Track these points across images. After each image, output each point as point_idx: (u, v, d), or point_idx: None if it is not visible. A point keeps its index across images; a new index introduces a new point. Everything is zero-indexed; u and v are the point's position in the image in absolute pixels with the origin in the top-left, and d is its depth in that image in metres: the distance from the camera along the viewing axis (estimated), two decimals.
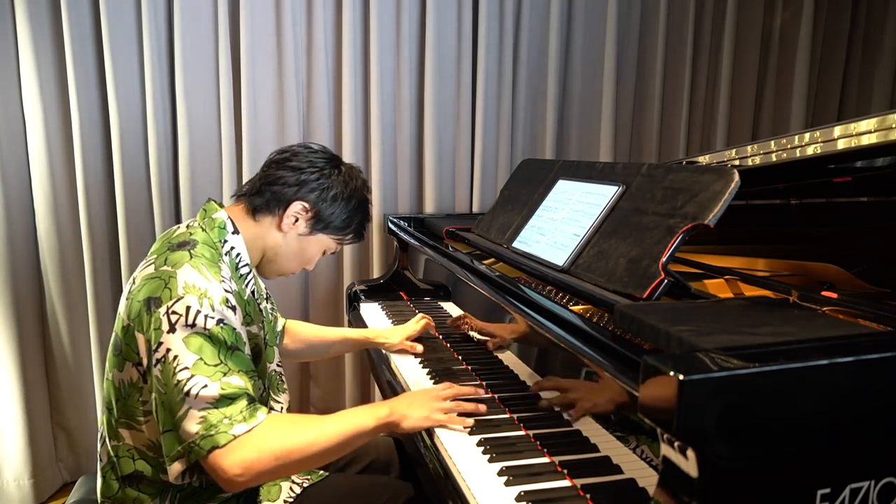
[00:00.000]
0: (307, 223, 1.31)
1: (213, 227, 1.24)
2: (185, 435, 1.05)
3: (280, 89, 2.31)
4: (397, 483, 1.38)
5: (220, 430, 1.03)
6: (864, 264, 1.50)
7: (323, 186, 1.30)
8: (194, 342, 1.06)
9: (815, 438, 0.75)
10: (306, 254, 1.35)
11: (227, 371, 1.07)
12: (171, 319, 1.06)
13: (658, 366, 0.71)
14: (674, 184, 1.24)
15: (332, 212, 1.31)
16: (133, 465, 1.18)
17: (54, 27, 2.13)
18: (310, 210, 1.29)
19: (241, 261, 1.26)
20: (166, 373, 1.05)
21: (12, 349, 2.19)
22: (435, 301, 2.04)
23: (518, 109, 2.55)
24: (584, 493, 0.98)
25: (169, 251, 1.16)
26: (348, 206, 1.33)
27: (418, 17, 2.41)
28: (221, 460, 1.03)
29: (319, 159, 1.32)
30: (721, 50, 2.72)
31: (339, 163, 1.35)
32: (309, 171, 1.29)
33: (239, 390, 1.07)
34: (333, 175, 1.32)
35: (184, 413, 1.04)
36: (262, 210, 1.28)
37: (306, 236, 1.32)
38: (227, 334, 1.09)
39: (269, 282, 2.36)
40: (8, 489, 2.26)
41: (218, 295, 1.10)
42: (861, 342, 0.83)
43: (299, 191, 1.28)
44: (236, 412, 1.05)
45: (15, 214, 2.18)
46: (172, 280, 1.09)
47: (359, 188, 1.35)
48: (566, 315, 1.12)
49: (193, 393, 1.04)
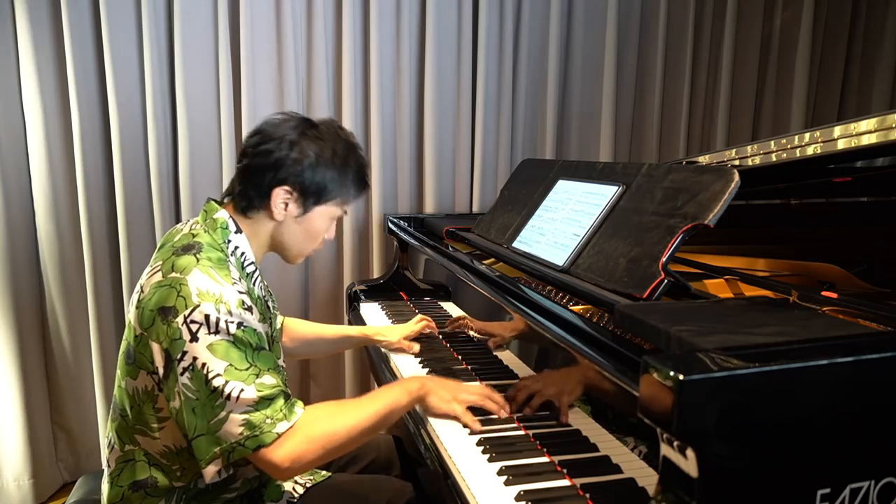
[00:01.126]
0: (298, 204, 1.22)
1: (216, 228, 1.20)
2: (227, 436, 1.05)
3: (280, 89, 2.31)
4: (398, 483, 1.38)
5: (265, 430, 1.05)
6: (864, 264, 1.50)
7: (297, 160, 1.19)
8: (220, 348, 1.05)
9: (815, 438, 0.75)
10: (314, 231, 1.28)
11: (258, 372, 1.07)
12: (192, 329, 1.05)
13: (658, 366, 0.71)
14: (674, 184, 1.24)
15: (319, 181, 1.21)
16: (149, 470, 1.17)
17: (54, 27, 2.13)
18: (294, 190, 1.21)
19: (246, 260, 1.23)
20: (198, 380, 1.05)
21: (12, 349, 2.19)
22: (435, 301, 2.04)
23: (518, 109, 2.55)
24: (584, 493, 0.98)
25: (174, 256, 1.13)
26: (333, 167, 1.23)
27: (418, 16, 2.42)
28: (272, 456, 1.06)
29: (289, 131, 1.21)
30: (721, 50, 2.73)
31: (307, 126, 1.23)
32: (279, 150, 1.19)
33: (274, 389, 1.08)
34: (304, 142, 1.20)
35: (224, 416, 1.05)
36: (249, 207, 1.23)
37: (304, 216, 1.24)
38: (250, 336, 1.09)
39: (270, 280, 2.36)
40: (8, 489, 2.26)
41: (234, 299, 1.09)
42: (861, 342, 0.83)
43: (276, 175, 1.19)
44: (276, 411, 1.07)
45: (15, 214, 2.18)
46: (184, 287, 1.07)
47: (339, 142, 1.24)
48: (566, 315, 1.12)
49: (234, 396, 1.04)
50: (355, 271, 2.47)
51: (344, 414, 1.13)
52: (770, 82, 2.81)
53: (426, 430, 1.22)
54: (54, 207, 2.21)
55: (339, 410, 1.14)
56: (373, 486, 1.35)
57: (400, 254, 2.24)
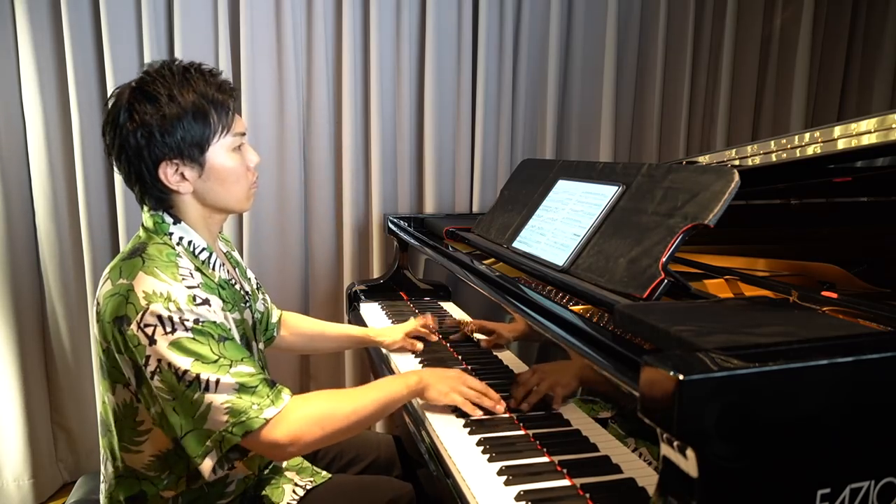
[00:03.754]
0: (189, 166, 1.13)
1: (154, 225, 1.16)
2: (214, 425, 1.04)
3: (280, 89, 2.31)
4: (398, 483, 1.38)
5: (252, 416, 1.04)
6: (864, 264, 1.50)
7: (148, 134, 1.09)
8: (181, 346, 1.03)
9: (815, 438, 0.75)
10: (228, 173, 1.17)
11: (230, 363, 1.05)
12: (147, 332, 1.02)
13: (658, 366, 0.71)
14: (674, 184, 1.24)
15: (181, 134, 1.10)
16: (139, 485, 1.16)
17: (54, 27, 2.13)
18: (172, 158, 1.11)
19: (195, 247, 1.17)
20: (168, 381, 1.03)
21: (12, 349, 2.19)
22: (435, 301, 2.04)
23: (518, 109, 2.55)
24: (584, 493, 0.98)
25: (121, 262, 1.11)
26: (183, 111, 1.10)
27: (418, 17, 2.42)
28: (271, 435, 1.05)
29: (116, 113, 1.11)
30: (721, 50, 2.72)
31: (130, 94, 1.11)
32: (125, 137, 1.10)
33: (254, 378, 1.06)
34: (139, 111, 1.09)
35: (206, 407, 1.03)
36: (160, 200, 1.16)
37: (204, 171, 1.14)
38: (211, 328, 1.06)
39: (269, 282, 2.37)
40: (8, 489, 2.26)
41: (182, 296, 1.05)
42: (861, 342, 0.83)
43: (145, 160, 1.10)
44: (262, 398, 1.06)
45: (15, 214, 2.18)
46: (132, 293, 1.04)
47: (169, 83, 1.11)
48: (566, 315, 1.12)
49: (212, 384, 1.03)
50: (355, 271, 2.47)
51: (343, 399, 1.14)
52: (770, 82, 2.81)
53: (426, 431, 1.22)
54: (54, 207, 2.21)
55: (337, 395, 1.15)
56: (373, 486, 1.35)
57: (400, 254, 2.24)
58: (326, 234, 2.47)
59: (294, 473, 1.35)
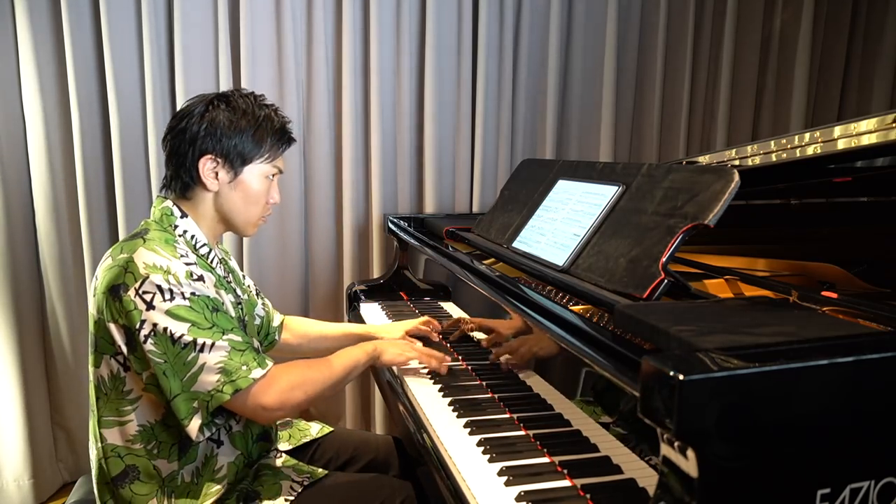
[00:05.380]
0: (226, 169, 1.25)
1: (161, 217, 1.26)
2: (204, 385, 1.12)
3: (280, 89, 2.31)
4: (396, 482, 1.38)
5: (241, 376, 1.14)
6: (864, 264, 1.50)
7: (211, 129, 1.23)
8: (179, 312, 1.11)
9: (815, 438, 0.75)
10: (253, 194, 1.29)
11: (223, 331, 1.15)
12: (146, 298, 1.10)
13: (658, 366, 0.71)
14: (674, 184, 1.24)
15: (235, 141, 1.24)
16: (122, 462, 1.19)
17: (54, 27, 2.13)
18: (217, 156, 1.24)
19: (197, 242, 1.26)
20: (163, 343, 1.10)
21: (12, 349, 2.19)
22: (435, 301, 2.04)
23: (518, 109, 2.55)
24: (584, 493, 0.98)
25: (123, 242, 1.21)
26: (247, 126, 1.25)
27: (418, 17, 2.41)
28: (260, 399, 1.16)
29: (198, 106, 1.26)
30: (721, 50, 2.72)
31: (217, 98, 1.27)
32: (191, 124, 1.24)
33: (242, 343, 1.17)
34: (214, 112, 1.24)
35: (199, 368, 1.12)
36: (185, 187, 1.27)
37: (235, 180, 1.27)
38: (205, 300, 1.15)
39: (269, 283, 2.37)
40: (8, 489, 2.26)
41: (181, 270, 1.14)
42: (861, 342, 0.83)
43: (195, 148, 1.23)
44: (250, 360, 1.16)
45: (15, 214, 2.18)
46: (131, 264, 1.12)
47: (250, 106, 1.27)
48: (566, 315, 1.12)
49: (207, 345, 1.12)
50: (355, 271, 2.47)
51: (317, 366, 1.28)
52: (770, 82, 2.81)
53: (426, 431, 1.22)
54: (54, 207, 2.21)
55: (311, 363, 1.28)
56: (371, 484, 1.35)
57: (400, 254, 2.24)
58: (326, 235, 2.47)
59: (291, 470, 1.36)
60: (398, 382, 1.49)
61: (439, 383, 1.42)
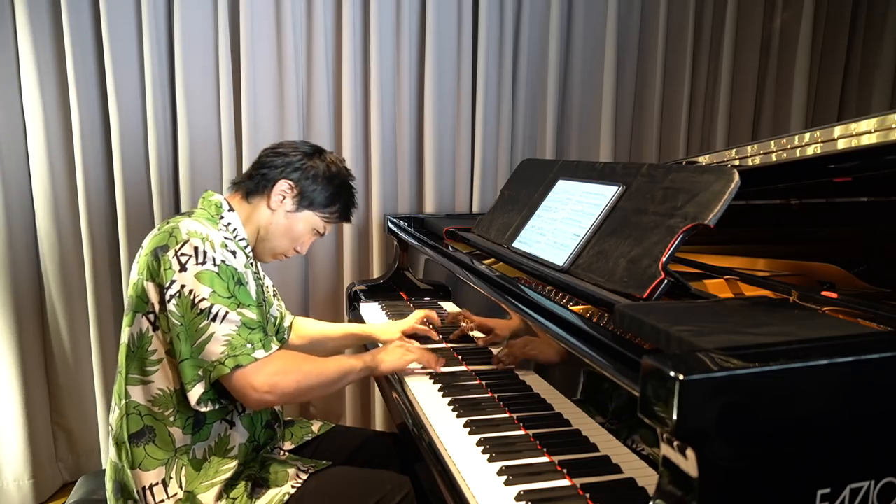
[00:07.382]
0: (293, 200, 1.43)
1: (210, 206, 1.39)
2: (209, 355, 1.18)
3: (280, 89, 2.31)
4: (397, 477, 1.39)
5: (244, 353, 1.19)
6: (864, 264, 1.50)
7: (305, 166, 1.44)
8: (205, 277, 1.20)
9: (815, 438, 0.75)
10: (295, 230, 1.46)
11: (239, 304, 1.22)
12: (182, 260, 1.20)
13: (658, 366, 0.71)
14: (674, 184, 1.24)
15: (315, 188, 1.44)
16: (141, 421, 1.26)
17: (54, 27, 2.13)
18: (294, 187, 1.43)
19: (237, 235, 1.39)
20: (183, 305, 1.19)
21: (12, 349, 2.19)
22: (435, 301, 2.04)
23: (518, 109, 2.55)
24: (584, 493, 0.98)
25: (169, 219, 1.32)
26: (331, 185, 1.46)
27: (418, 17, 2.41)
28: (252, 379, 1.19)
29: (304, 147, 1.48)
30: (721, 50, 2.72)
31: (322, 151, 1.50)
32: (293, 156, 1.44)
33: (254, 322, 1.23)
34: (315, 158, 1.46)
35: (207, 337, 1.18)
36: (253, 192, 1.43)
37: (294, 213, 1.44)
38: (232, 272, 1.24)
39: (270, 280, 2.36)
40: (8, 489, 2.26)
41: (218, 239, 1.26)
42: (861, 342, 0.83)
43: (284, 171, 1.42)
44: (256, 339, 1.22)
45: (15, 214, 2.18)
46: (176, 230, 1.24)
47: (340, 171, 1.49)
48: (566, 315, 1.12)
49: (220, 317, 1.19)
50: (355, 271, 2.47)
51: (312, 361, 1.31)
52: (770, 82, 2.81)
53: (426, 431, 1.23)
54: (54, 207, 2.21)
55: (308, 358, 1.32)
56: (373, 475, 1.38)
57: (400, 254, 2.24)
58: (326, 235, 2.46)
59: (297, 460, 1.40)
60: (397, 381, 1.49)
61: (439, 383, 1.42)
